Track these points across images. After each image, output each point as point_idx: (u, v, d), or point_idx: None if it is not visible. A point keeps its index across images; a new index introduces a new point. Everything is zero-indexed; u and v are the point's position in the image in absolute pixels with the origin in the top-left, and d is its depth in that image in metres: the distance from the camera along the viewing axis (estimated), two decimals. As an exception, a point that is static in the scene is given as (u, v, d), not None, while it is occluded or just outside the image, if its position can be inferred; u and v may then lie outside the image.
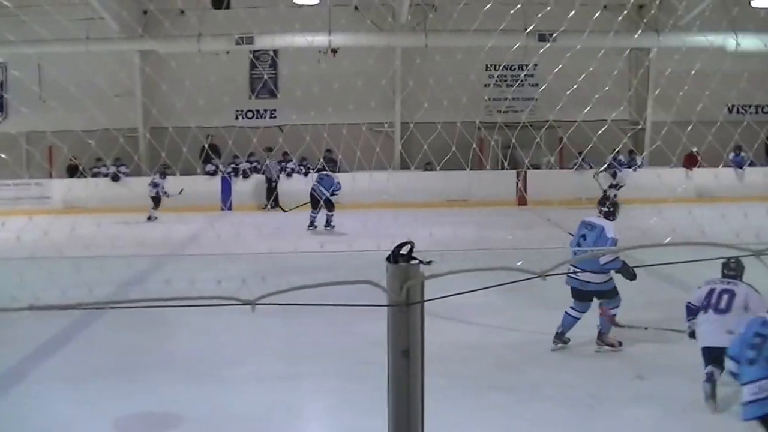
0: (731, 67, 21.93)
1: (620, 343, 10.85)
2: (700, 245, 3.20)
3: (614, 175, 27.82)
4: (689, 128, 13.39)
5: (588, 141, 21.99)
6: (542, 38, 25.17)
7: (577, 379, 9.54)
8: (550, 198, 26.37)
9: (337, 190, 23.72)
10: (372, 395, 3.23)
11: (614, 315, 10.88)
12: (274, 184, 29.71)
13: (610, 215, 11.03)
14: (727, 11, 25.62)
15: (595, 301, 10.86)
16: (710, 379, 8.51)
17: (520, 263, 2.97)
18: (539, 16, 15.75)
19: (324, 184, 23.51)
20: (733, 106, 30.96)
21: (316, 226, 23.72)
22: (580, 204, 24.34)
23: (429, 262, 2.84)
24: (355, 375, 9.44)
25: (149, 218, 26.43)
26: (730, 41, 27.70)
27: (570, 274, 10.51)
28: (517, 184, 28.75)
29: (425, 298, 2.80)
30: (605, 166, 26.74)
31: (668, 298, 12.94)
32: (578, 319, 10.76)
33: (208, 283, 5.96)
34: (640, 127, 31.12)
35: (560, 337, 10.80)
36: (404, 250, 2.81)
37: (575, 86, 12.65)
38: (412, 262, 2.79)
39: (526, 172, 29.05)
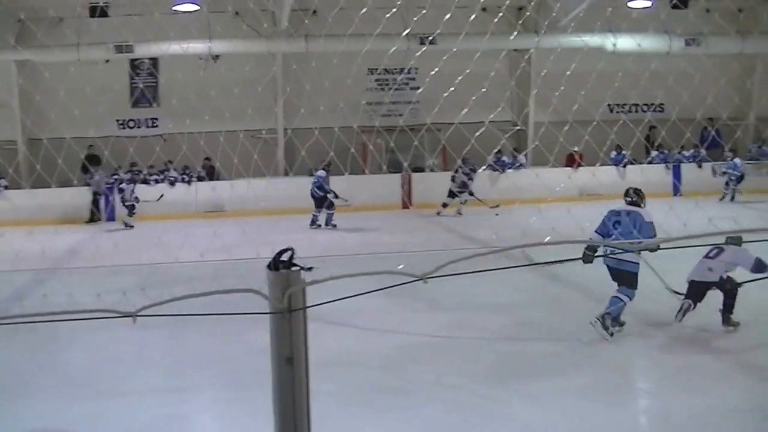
0: (610, 67, 22.35)
1: (623, 323, 11.36)
2: (581, 243, 3.25)
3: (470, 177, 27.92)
4: (567, 128, 13.64)
5: (481, 144, 22.23)
6: (422, 41, 25.31)
7: (467, 380, 9.61)
8: (435, 201, 26.60)
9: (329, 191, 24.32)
10: (262, 403, 3.21)
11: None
12: (99, 197, 29.26)
13: (636, 204, 11.44)
14: (604, 12, 26.16)
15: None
16: (686, 307, 11.26)
17: (401, 267, 2.98)
18: (415, 19, 15.83)
19: (318, 185, 24.22)
20: (613, 105, 31.57)
21: (319, 225, 24.35)
22: (466, 205, 24.66)
23: (310, 269, 2.83)
24: (243, 384, 9.34)
25: (126, 225, 26.05)
26: (608, 41, 28.26)
27: (611, 256, 10.81)
28: (401, 187, 28.86)
29: (307, 304, 2.79)
30: (485, 167, 26.98)
31: (554, 295, 13.21)
32: (625, 303, 11.10)
33: (89, 297, 5.86)
34: (520, 127, 31.57)
35: (610, 321, 11.03)
36: (285, 257, 2.79)
37: (452, 89, 12.73)
38: (293, 268, 2.77)
39: (410, 176, 29.24)
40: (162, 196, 26.51)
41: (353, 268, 3.25)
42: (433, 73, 13.62)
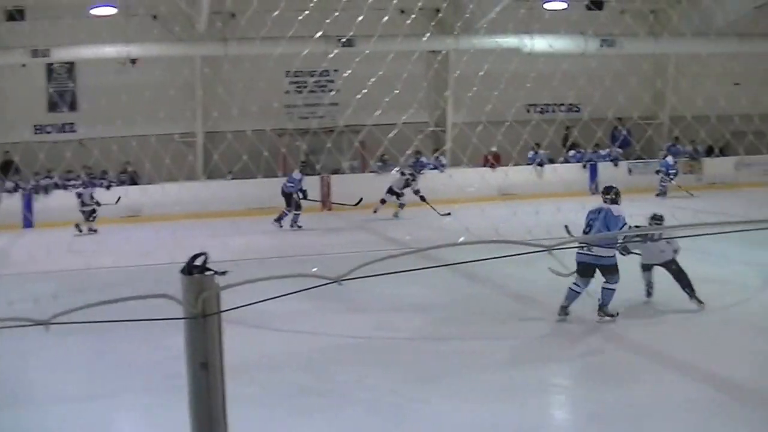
0: (526, 68, 22.60)
1: (618, 314, 11.94)
2: (495, 243, 3.28)
3: (413, 177, 27.86)
4: (480, 128, 13.77)
5: (393, 144, 22.36)
6: (340, 43, 25.24)
7: (387, 381, 9.65)
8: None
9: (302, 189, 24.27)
10: (180, 409, 3.18)
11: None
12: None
13: (614, 202, 12.31)
14: (519, 14, 26.45)
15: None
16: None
17: (315, 269, 2.99)
18: (327, 21, 15.81)
19: (290, 183, 24.15)
20: (529, 105, 31.78)
21: (281, 226, 24.16)
22: (391, 207, 24.68)
23: (224, 273, 2.83)
24: (162, 389, 9.26)
25: (90, 230, 25.51)
26: (524, 43, 28.53)
27: (583, 251, 11.73)
28: (321, 189, 28.80)
29: (222, 309, 2.79)
30: (407, 168, 27.00)
31: (471, 293, 13.33)
32: (580, 293, 11.88)
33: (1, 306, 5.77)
34: (437, 128, 31.72)
35: (564, 310, 11.91)
36: (199, 262, 2.79)
37: (364, 91, 12.79)
38: (207, 273, 2.77)
39: (329, 177, 29.22)
40: (120, 198, 26.00)
41: (269, 271, 3.25)
42: (346, 75, 13.63)
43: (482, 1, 27.02)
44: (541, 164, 31.16)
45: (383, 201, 25.87)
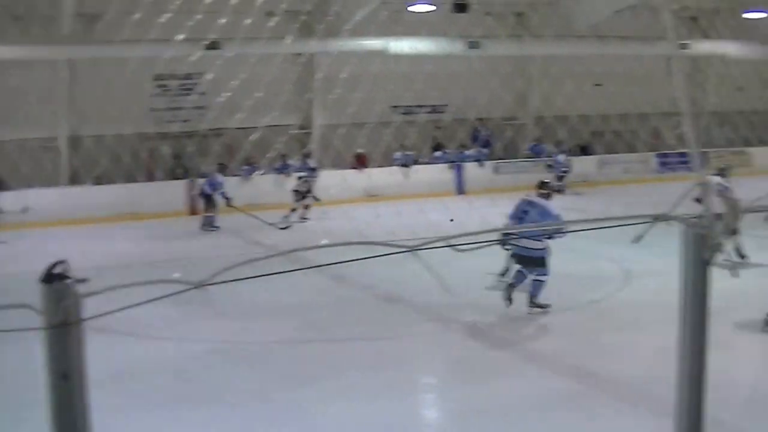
0: (393, 70, 22.72)
1: (549, 305, 12.31)
2: (359, 245, 3.30)
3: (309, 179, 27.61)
4: (343, 130, 13.86)
5: (260, 148, 22.28)
6: (212, 47, 24.88)
7: (257, 385, 9.61)
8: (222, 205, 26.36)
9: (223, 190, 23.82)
10: (42, 422, 3.10)
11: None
12: None
13: (547, 197, 12.88)
14: (387, 16, 26.62)
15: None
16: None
17: (177, 275, 2.96)
18: (190, 24, 15.68)
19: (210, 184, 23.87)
20: (395, 106, 31.85)
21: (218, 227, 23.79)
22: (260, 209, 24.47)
23: (84, 280, 2.77)
24: (24, 403, 9.03)
25: None
26: (391, 45, 28.65)
27: (513, 243, 12.22)
28: (187, 193, 28.43)
29: (84, 317, 2.73)
30: (262, 171, 26.90)
31: (341, 295, 13.38)
32: (544, 282, 12.32)
33: None
34: (297, 131, 31.69)
35: (510, 290, 12.43)
36: (59, 270, 2.73)
37: (229, 93, 12.73)
38: (67, 281, 2.71)
39: (198, 181, 28.88)
40: (26, 207, 25.02)
41: (133, 278, 3.19)
42: (210, 78, 13.53)
43: (348, 4, 27.02)
44: (406, 165, 31.30)
45: (305, 205, 25.61)
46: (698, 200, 3.61)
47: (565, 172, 30.62)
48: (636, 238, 11.79)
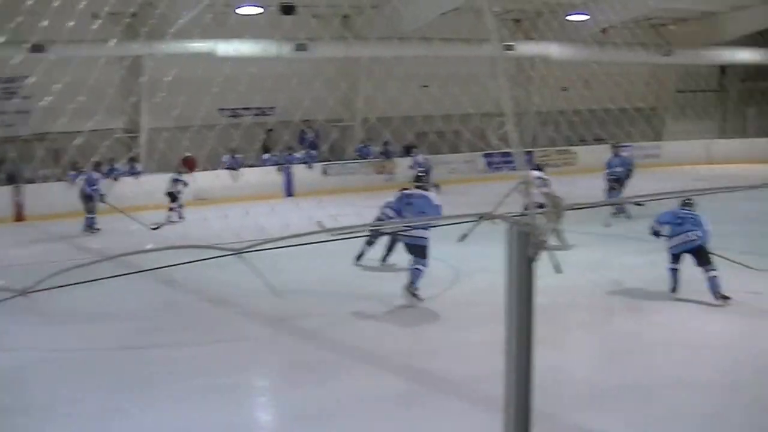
0: (220, 72, 22.48)
1: (423, 299, 12.88)
2: (185, 248, 3.27)
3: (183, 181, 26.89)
4: (167, 133, 13.73)
5: (88, 152, 21.78)
6: (37, 49, 24.10)
7: (87, 393, 9.43)
8: (53, 211, 25.68)
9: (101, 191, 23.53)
10: None
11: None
12: None
13: (425, 189, 14.01)
14: (216, 18, 26.46)
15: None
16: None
17: (2, 282, 2.89)
18: (11, 26, 15.22)
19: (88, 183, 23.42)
20: (221, 109, 31.57)
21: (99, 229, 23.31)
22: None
23: None
24: None
25: None
26: (219, 47, 28.40)
27: (404, 233, 12.96)
28: (12, 198, 27.56)
29: None
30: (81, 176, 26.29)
31: (170, 299, 13.32)
32: (423, 271, 12.91)
33: None
34: (122, 134, 31.13)
35: (413, 289, 12.85)
36: None
37: (51, 98, 12.44)
38: None
39: (23, 187, 27.99)
40: None
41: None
42: (32, 81, 13.21)
43: (173, 6, 26.62)
44: (234, 168, 31.10)
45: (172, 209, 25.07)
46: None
47: (424, 172, 30.85)
48: (461, 237, 12.14)
